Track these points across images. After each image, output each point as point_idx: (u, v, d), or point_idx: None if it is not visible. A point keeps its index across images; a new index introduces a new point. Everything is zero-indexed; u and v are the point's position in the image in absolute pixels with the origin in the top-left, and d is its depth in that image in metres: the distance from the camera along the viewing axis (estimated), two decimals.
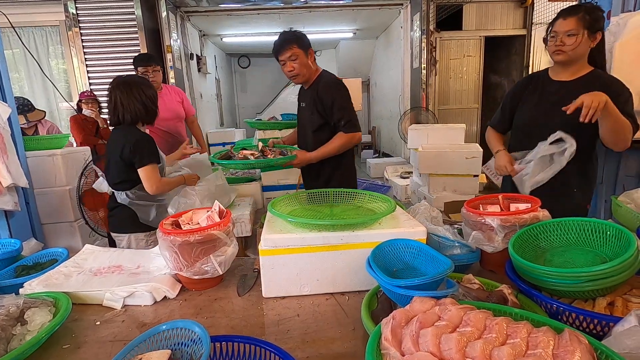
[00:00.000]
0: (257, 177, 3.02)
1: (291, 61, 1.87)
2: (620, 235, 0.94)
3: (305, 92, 2.03)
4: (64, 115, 4.90)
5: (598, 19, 1.44)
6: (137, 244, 1.84)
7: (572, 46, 1.45)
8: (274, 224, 1.20)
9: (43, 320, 0.94)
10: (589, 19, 1.42)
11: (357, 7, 5.58)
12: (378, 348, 0.66)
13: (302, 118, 2.09)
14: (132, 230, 1.82)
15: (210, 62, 6.83)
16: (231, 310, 1.08)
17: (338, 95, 1.90)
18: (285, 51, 1.86)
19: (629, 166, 2.28)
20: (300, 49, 1.86)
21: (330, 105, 1.88)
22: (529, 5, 5.18)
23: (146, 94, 1.76)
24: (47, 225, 2.46)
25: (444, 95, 5.56)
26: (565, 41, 1.46)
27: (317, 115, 1.94)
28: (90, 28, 4.46)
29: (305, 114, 2.04)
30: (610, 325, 0.74)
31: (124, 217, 1.81)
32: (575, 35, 1.44)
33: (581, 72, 1.53)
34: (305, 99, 2.02)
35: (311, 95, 1.96)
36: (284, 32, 1.91)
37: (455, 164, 3.31)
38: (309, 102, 1.98)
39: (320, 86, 1.92)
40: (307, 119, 2.00)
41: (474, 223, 1.19)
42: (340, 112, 1.88)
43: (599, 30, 1.44)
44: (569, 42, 1.45)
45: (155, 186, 1.71)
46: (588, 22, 1.43)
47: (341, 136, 1.90)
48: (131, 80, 1.77)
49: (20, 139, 2.21)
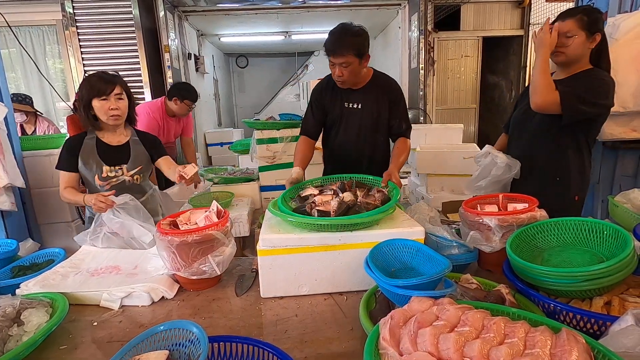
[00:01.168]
0: (255, 177, 3.02)
1: (342, 67, 1.69)
2: (617, 235, 0.95)
3: (357, 92, 1.86)
4: (61, 115, 4.88)
5: (596, 20, 1.46)
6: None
7: (571, 47, 1.47)
8: (272, 224, 1.19)
9: (40, 321, 0.94)
10: (587, 20, 1.44)
11: (355, 7, 5.58)
12: (376, 348, 0.66)
13: (357, 120, 1.89)
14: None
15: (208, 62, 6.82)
16: (229, 311, 1.08)
17: (403, 97, 1.88)
18: (338, 57, 1.66)
19: (625, 166, 2.29)
20: (356, 57, 1.67)
21: (398, 107, 1.84)
22: (526, 5, 5.20)
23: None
24: (44, 225, 2.45)
25: (441, 96, 5.57)
26: (564, 42, 1.48)
27: (384, 117, 1.84)
28: (87, 27, 4.44)
29: (362, 115, 1.87)
30: (607, 325, 0.74)
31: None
32: (574, 37, 1.46)
33: (577, 70, 1.54)
34: (359, 100, 1.87)
35: (369, 96, 1.84)
36: (343, 30, 1.68)
37: (454, 164, 3.32)
38: (369, 104, 1.85)
39: (388, 86, 1.85)
40: (368, 120, 1.86)
41: (471, 223, 1.20)
42: (405, 116, 1.86)
43: (598, 31, 1.46)
44: (568, 43, 1.47)
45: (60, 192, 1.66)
46: (586, 23, 1.44)
47: (406, 142, 1.85)
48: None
49: (17, 138, 2.20)
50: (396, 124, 1.87)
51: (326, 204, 1.21)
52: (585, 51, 1.49)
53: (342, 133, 1.95)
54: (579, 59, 1.51)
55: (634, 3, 2.22)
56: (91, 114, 1.62)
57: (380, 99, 1.83)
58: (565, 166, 1.59)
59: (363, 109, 1.87)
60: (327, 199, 1.25)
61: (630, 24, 1.99)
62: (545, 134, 1.58)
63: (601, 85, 1.44)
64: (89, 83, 1.59)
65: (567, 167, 1.59)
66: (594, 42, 1.47)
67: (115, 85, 1.60)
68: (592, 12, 1.47)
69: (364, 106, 1.86)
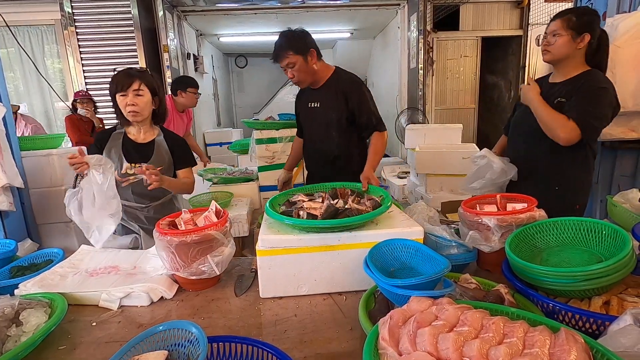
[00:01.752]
0: (254, 177, 3.02)
1: (290, 69, 1.76)
2: (615, 234, 0.95)
3: (316, 92, 1.90)
4: (60, 115, 4.87)
5: (588, 22, 1.47)
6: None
7: (555, 46, 1.50)
8: (271, 225, 1.19)
9: (38, 322, 0.94)
10: (575, 21, 1.46)
11: (355, 7, 5.58)
12: (375, 348, 0.66)
13: (318, 119, 1.92)
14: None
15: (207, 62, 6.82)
16: (228, 311, 1.07)
17: (366, 92, 1.83)
18: (281, 59, 1.75)
19: (624, 166, 2.30)
20: (297, 54, 1.73)
21: (359, 102, 1.80)
22: (525, 5, 5.21)
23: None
24: (42, 225, 2.45)
25: (441, 96, 5.58)
26: (550, 41, 1.51)
27: (344, 114, 1.82)
28: (86, 27, 4.43)
29: (321, 114, 1.89)
30: (606, 324, 0.75)
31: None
32: (559, 36, 1.49)
33: (573, 73, 1.54)
34: (319, 99, 1.89)
35: (328, 94, 1.85)
36: (280, 36, 1.78)
37: (453, 164, 3.33)
38: (327, 102, 1.86)
39: (345, 84, 1.83)
40: (328, 119, 1.86)
41: (470, 223, 1.20)
42: (370, 110, 1.81)
43: (587, 32, 1.46)
44: (553, 41, 1.51)
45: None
46: (574, 23, 1.46)
47: (380, 136, 1.82)
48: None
49: (15, 138, 2.19)
50: (364, 120, 1.82)
51: (314, 209, 1.21)
52: (572, 51, 1.50)
53: (308, 132, 2.03)
54: (565, 57, 1.52)
55: (633, 3, 2.23)
56: (118, 109, 1.61)
57: (338, 96, 1.82)
58: (566, 172, 1.58)
59: (322, 107, 1.89)
60: (317, 205, 1.25)
61: (628, 24, 2.00)
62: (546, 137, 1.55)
63: (605, 96, 1.46)
64: (114, 78, 1.59)
65: (568, 174, 1.58)
66: (582, 43, 1.48)
67: (134, 81, 1.55)
68: (584, 13, 1.48)
69: (322, 104, 1.89)
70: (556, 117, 1.46)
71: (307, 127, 2.03)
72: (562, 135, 1.45)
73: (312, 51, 1.77)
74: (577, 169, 1.58)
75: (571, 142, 1.45)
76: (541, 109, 1.50)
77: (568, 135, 1.44)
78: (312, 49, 1.77)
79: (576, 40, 1.48)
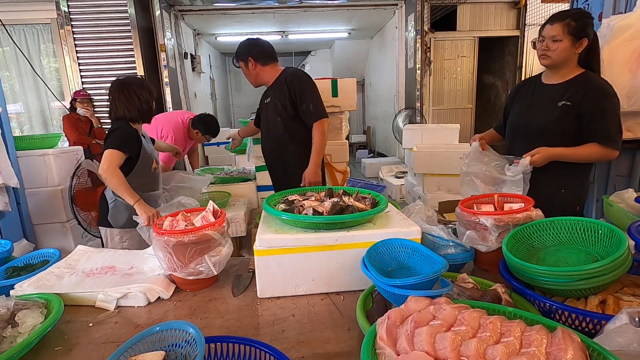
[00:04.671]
0: (251, 177, 3.01)
1: (244, 74, 2.12)
2: (611, 234, 0.96)
3: (269, 89, 2.12)
4: (56, 115, 4.85)
5: (584, 26, 1.47)
6: (111, 239, 1.83)
7: (556, 52, 1.50)
8: (269, 224, 1.19)
9: (34, 322, 0.93)
10: (574, 26, 1.46)
11: (352, 7, 5.59)
12: (373, 348, 0.66)
13: (269, 111, 2.11)
14: (107, 225, 1.82)
15: (205, 62, 6.80)
16: (226, 311, 1.07)
17: (307, 82, 2.00)
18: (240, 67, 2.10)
19: (619, 166, 2.31)
20: (239, 61, 2.07)
21: (300, 90, 1.97)
22: (522, 6, 5.23)
23: (140, 96, 1.77)
24: (38, 225, 2.43)
25: (438, 96, 5.60)
26: (550, 46, 1.51)
27: (288, 107, 2.00)
28: (82, 26, 4.41)
29: (270, 109, 2.09)
30: (602, 323, 0.75)
31: (103, 211, 1.83)
32: (559, 41, 1.48)
33: (570, 75, 1.55)
34: (270, 94, 2.10)
35: (276, 88, 2.05)
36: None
37: (450, 163, 3.34)
38: (275, 94, 2.05)
39: (289, 76, 2.01)
40: (275, 112, 2.05)
41: (468, 222, 1.20)
42: (311, 99, 1.97)
43: (585, 36, 1.47)
44: (553, 47, 1.50)
45: (105, 169, 1.62)
46: (573, 28, 1.46)
47: (317, 126, 1.98)
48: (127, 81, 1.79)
49: (11, 138, 2.18)
50: (304, 109, 1.99)
51: (319, 205, 1.21)
52: (571, 55, 1.51)
53: (264, 123, 2.21)
54: (565, 62, 1.52)
55: (629, 4, 2.24)
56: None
57: (283, 87, 2.02)
58: (570, 174, 1.58)
59: (271, 102, 2.09)
60: (315, 204, 1.25)
61: (624, 25, 2.01)
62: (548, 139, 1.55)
63: (614, 104, 1.49)
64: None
65: (571, 176, 1.58)
66: (581, 47, 1.49)
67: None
68: (581, 17, 1.48)
69: (272, 99, 2.09)
70: (592, 152, 1.49)
71: (263, 120, 2.21)
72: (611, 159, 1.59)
73: (250, 58, 2.04)
74: (581, 170, 1.59)
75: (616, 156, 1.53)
76: (574, 156, 1.51)
77: (612, 156, 1.51)
78: (250, 57, 2.03)
79: (575, 45, 1.48)
